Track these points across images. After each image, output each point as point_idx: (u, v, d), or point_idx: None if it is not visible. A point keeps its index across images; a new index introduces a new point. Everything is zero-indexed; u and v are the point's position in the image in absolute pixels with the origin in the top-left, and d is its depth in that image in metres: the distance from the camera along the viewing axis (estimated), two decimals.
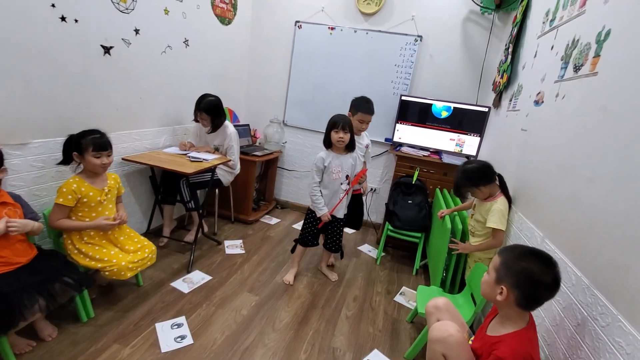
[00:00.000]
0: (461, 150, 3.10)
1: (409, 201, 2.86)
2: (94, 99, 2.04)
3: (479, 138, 3.01)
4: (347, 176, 2.30)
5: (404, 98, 3.12)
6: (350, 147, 2.25)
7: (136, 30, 2.21)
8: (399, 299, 2.44)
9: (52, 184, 1.87)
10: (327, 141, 2.24)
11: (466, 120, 3.03)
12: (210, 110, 2.59)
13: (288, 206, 3.91)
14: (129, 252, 1.87)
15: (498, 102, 2.69)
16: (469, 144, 3.06)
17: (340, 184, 2.27)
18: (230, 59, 3.34)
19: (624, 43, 1.22)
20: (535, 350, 1.15)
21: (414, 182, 2.90)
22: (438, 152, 3.15)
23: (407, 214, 2.79)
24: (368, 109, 2.44)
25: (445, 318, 1.50)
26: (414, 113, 3.15)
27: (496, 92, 2.73)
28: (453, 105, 3.04)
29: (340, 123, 2.16)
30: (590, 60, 1.41)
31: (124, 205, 2.04)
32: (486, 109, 2.93)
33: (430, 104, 3.08)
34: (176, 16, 2.53)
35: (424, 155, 3.03)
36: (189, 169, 2.25)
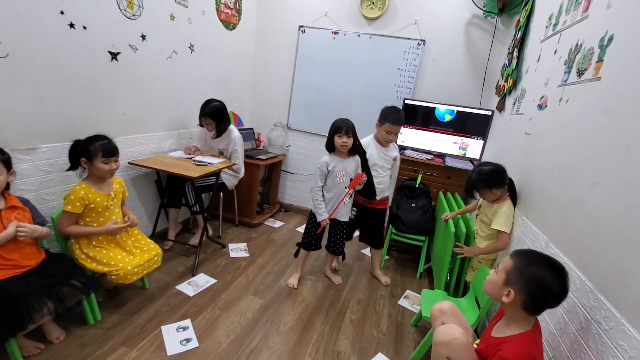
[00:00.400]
0: (465, 153, 3.10)
1: (413, 204, 2.87)
2: (102, 104, 2.07)
3: (483, 141, 3.01)
4: (351, 180, 2.31)
5: (407, 102, 3.13)
6: (352, 151, 2.26)
7: (143, 36, 2.24)
8: (403, 302, 2.44)
9: (60, 188, 1.90)
10: (330, 145, 2.25)
11: (469, 124, 3.03)
12: (215, 116, 2.61)
13: (292, 209, 3.92)
14: (136, 254, 1.90)
15: (502, 106, 2.70)
16: (472, 147, 3.06)
17: (345, 187, 2.28)
18: (235, 63, 3.37)
19: (627, 48, 1.23)
20: (540, 353, 1.15)
21: (417, 186, 2.90)
22: (441, 156, 3.16)
23: (411, 217, 2.80)
24: (397, 119, 2.27)
25: (450, 321, 1.50)
26: (418, 116, 3.15)
27: (500, 96, 2.74)
28: (456, 108, 3.04)
29: (343, 128, 2.17)
30: (594, 65, 1.41)
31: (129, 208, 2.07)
32: (489, 113, 2.93)
33: (434, 108, 3.09)
34: (182, 22, 2.56)
35: (428, 159, 3.04)
36: (194, 172, 2.28)
